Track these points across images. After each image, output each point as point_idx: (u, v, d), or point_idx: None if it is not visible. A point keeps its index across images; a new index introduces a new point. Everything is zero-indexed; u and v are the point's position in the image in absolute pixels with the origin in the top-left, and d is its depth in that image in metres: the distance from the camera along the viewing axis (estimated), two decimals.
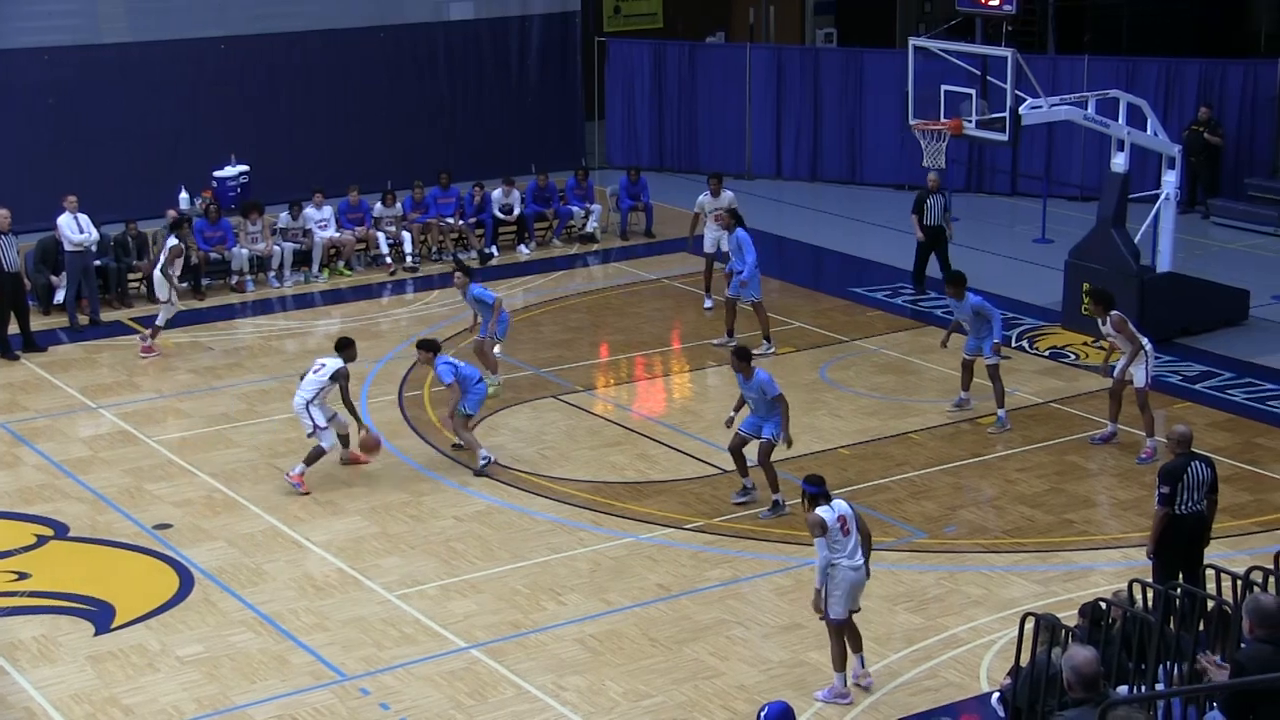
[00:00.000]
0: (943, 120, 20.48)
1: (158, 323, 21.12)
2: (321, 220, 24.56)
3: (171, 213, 23.18)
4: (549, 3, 30.32)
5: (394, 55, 29.02)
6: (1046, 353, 20.55)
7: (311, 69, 28.37)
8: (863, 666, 12.90)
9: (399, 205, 25.22)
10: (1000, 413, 17.95)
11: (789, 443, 15.87)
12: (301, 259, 24.39)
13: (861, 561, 12.54)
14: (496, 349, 19.56)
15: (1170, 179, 21.13)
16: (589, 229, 26.33)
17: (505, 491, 16.64)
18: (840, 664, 12.69)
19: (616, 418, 18.82)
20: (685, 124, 30.62)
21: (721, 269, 21.46)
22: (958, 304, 18.16)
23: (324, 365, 16.92)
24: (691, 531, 15.72)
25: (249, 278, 23.84)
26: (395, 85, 29.07)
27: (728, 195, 22.54)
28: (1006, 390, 18.34)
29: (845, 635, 12.69)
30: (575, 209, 26.37)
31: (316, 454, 16.77)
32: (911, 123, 20.97)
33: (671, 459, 17.48)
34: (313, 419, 16.66)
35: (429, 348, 17.45)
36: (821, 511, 12.41)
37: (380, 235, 24.91)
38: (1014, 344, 20.84)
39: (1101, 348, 18.08)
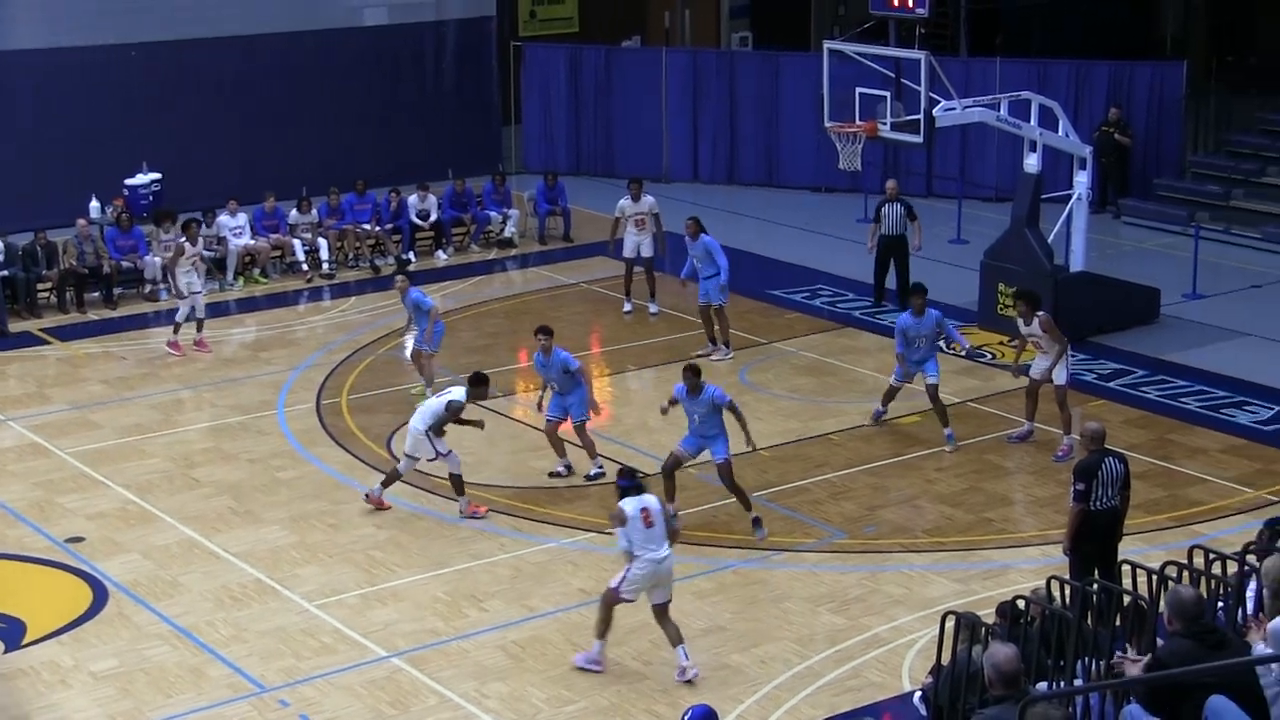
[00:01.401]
0: (858, 123, 20.53)
1: (177, 319, 21.04)
2: (236, 228, 24.34)
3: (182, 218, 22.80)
4: (464, 7, 30.20)
5: (308, 61, 28.80)
6: (963, 353, 20.64)
7: (225, 76, 28.09)
8: (686, 659, 12.95)
9: (315, 212, 25.04)
10: (948, 431, 17.74)
11: (754, 447, 15.73)
12: (216, 267, 24.13)
13: (666, 554, 12.88)
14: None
15: (1082, 179, 21.31)
16: (507, 234, 26.24)
17: (425, 498, 16.52)
18: (602, 632, 13.11)
19: (536, 422, 18.72)
20: (602, 128, 30.58)
21: (677, 278, 21.17)
22: (916, 320, 17.85)
23: (448, 392, 16.26)
24: (612, 535, 15.61)
25: (162, 286, 23.57)
26: (310, 91, 28.85)
27: (648, 200, 22.48)
28: (924, 390, 18.38)
29: (662, 625, 12.99)
30: (493, 214, 26.26)
31: (394, 476, 16.21)
32: (827, 125, 21.01)
33: (583, 471, 17.38)
34: (434, 446, 16.13)
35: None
36: (624, 504, 12.91)
37: (296, 242, 24.71)
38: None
39: (1015, 347, 18.16)
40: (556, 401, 17.03)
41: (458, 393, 16.23)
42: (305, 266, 24.62)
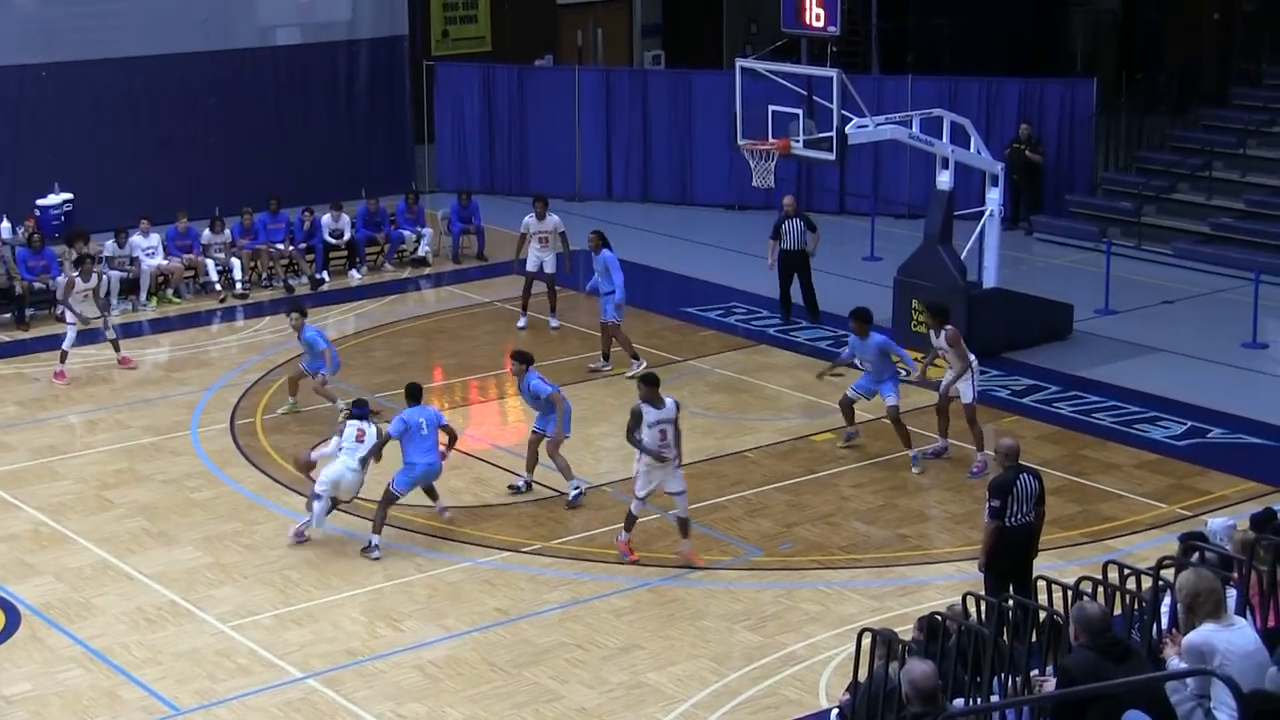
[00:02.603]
0: (771, 140, 20.62)
1: (64, 346, 20.71)
2: (149, 248, 24.11)
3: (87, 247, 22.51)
4: (376, 27, 30.10)
5: (220, 80, 28.59)
6: (913, 377, 20.70)
7: (136, 95, 27.84)
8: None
9: (228, 232, 24.85)
10: (912, 453, 17.72)
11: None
12: (128, 288, 23.89)
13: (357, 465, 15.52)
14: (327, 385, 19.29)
15: (994, 196, 21.50)
16: (421, 253, 26.15)
17: (339, 518, 16.40)
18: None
19: (463, 446, 18.64)
20: (515, 147, 30.55)
21: (585, 292, 21.31)
22: (860, 341, 17.90)
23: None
24: (529, 555, 15.64)
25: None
26: (222, 111, 28.64)
27: (553, 219, 22.50)
28: (854, 425, 18.49)
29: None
30: (406, 233, 26.17)
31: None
32: (740, 143, 21.08)
33: (507, 482, 17.36)
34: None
35: (522, 359, 16.94)
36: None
37: (209, 262, 24.52)
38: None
39: (934, 363, 18.30)
40: (542, 418, 16.95)
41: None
42: (219, 286, 24.43)
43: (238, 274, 24.57)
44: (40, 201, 24.90)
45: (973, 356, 17.65)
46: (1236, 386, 20.10)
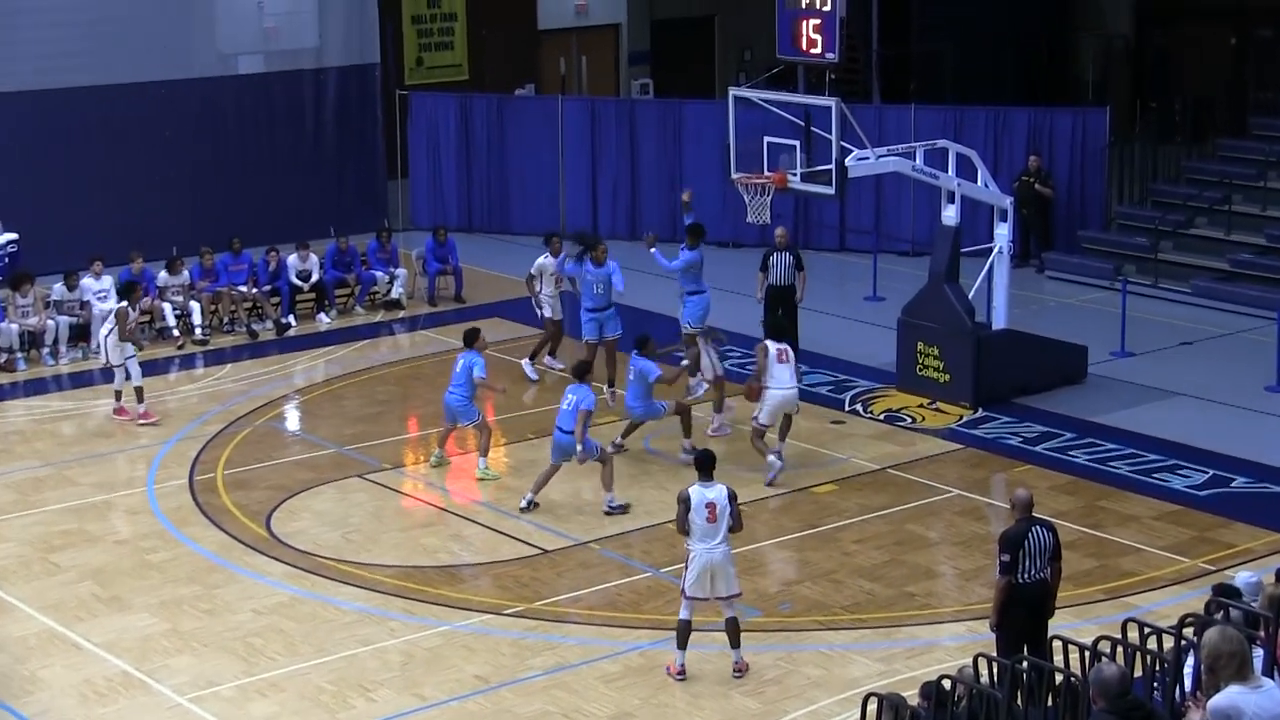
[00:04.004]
0: (766, 174, 20.65)
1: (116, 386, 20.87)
2: (101, 291, 24.03)
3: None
4: (346, 54, 30.16)
5: (178, 112, 28.60)
6: (881, 416, 20.76)
7: (88, 128, 27.84)
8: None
9: (186, 273, 24.80)
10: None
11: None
12: (79, 334, 23.83)
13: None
14: None
15: (1003, 232, 21.52)
16: (394, 295, 26.12)
17: (307, 580, 16.34)
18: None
19: (428, 497, 18.62)
20: (495, 181, 30.58)
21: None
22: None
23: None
24: (511, 617, 15.56)
25: (20, 355, 23.23)
26: (180, 144, 28.64)
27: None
28: (840, 457, 18.47)
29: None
30: (379, 274, 26.15)
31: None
32: (734, 177, 21.11)
33: (488, 540, 17.33)
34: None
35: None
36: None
37: (166, 306, 24.47)
38: (847, 408, 21.03)
39: (939, 410, 18.21)
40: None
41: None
42: (176, 332, 24.36)
43: (197, 319, 24.52)
44: None
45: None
46: (1260, 432, 20.08)
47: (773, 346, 18.76)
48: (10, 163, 27.18)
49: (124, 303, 21.17)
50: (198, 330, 24.51)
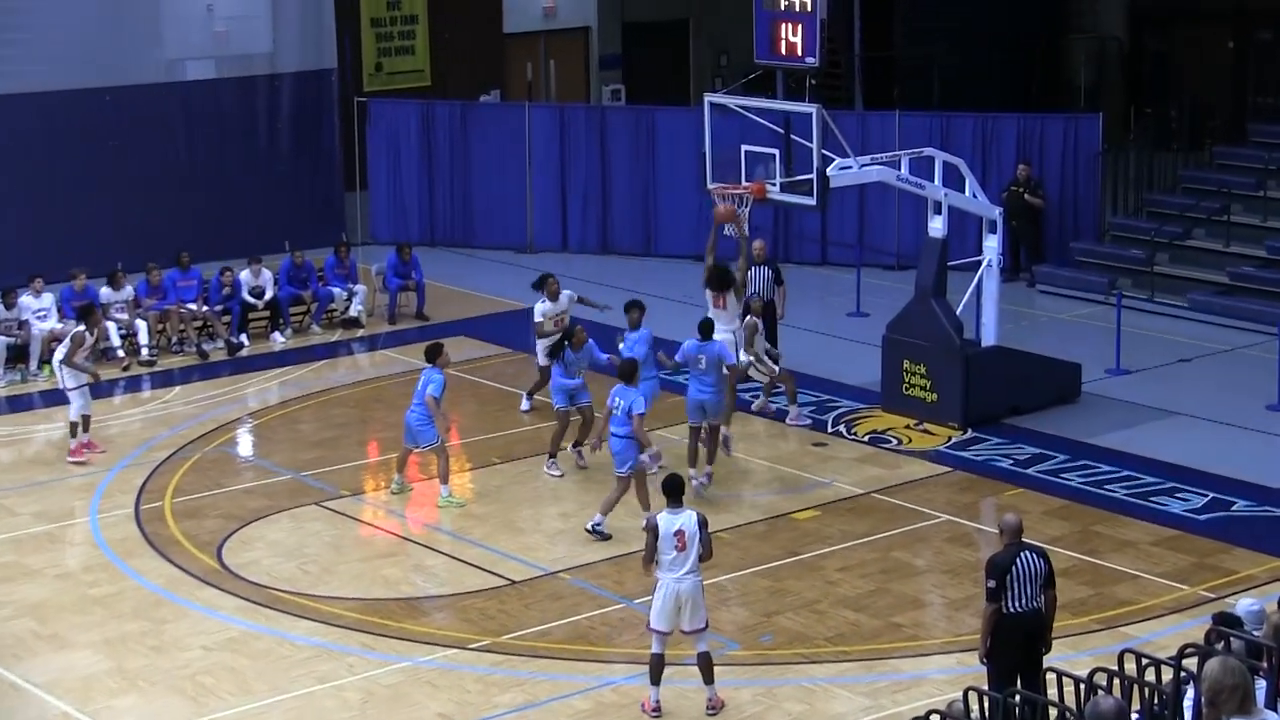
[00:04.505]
0: (744, 184, 20.67)
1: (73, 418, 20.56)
2: (40, 310, 23.95)
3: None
4: (301, 59, 30.13)
5: (123, 121, 28.54)
6: (866, 438, 20.76)
7: (26, 137, 27.75)
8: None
9: (129, 289, 24.71)
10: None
11: None
12: (17, 355, 23.74)
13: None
14: None
15: (992, 244, 21.57)
16: (353, 313, 26.08)
17: (261, 614, 16.27)
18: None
19: (389, 525, 18.58)
20: (459, 193, 30.56)
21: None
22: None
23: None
24: (477, 652, 15.53)
25: None
26: (125, 155, 28.58)
27: (566, 295, 21.71)
28: (823, 480, 18.45)
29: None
30: (336, 290, 26.10)
31: None
32: (710, 187, 21.12)
33: (453, 570, 17.30)
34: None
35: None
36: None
37: (111, 325, 24.38)
38: (830, 429, 21.05)
39: (926, 430, 18.20)
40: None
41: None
42: (121, 353, 24.28)
43: (143, 338, 24.44)
44: None
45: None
46: (1262, 453, 20.13)
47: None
48: None
49: (81, 326, 21.01)
50: (144, 350, 24.43)
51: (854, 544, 17.74)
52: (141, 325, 24.52)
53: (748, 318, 20.70)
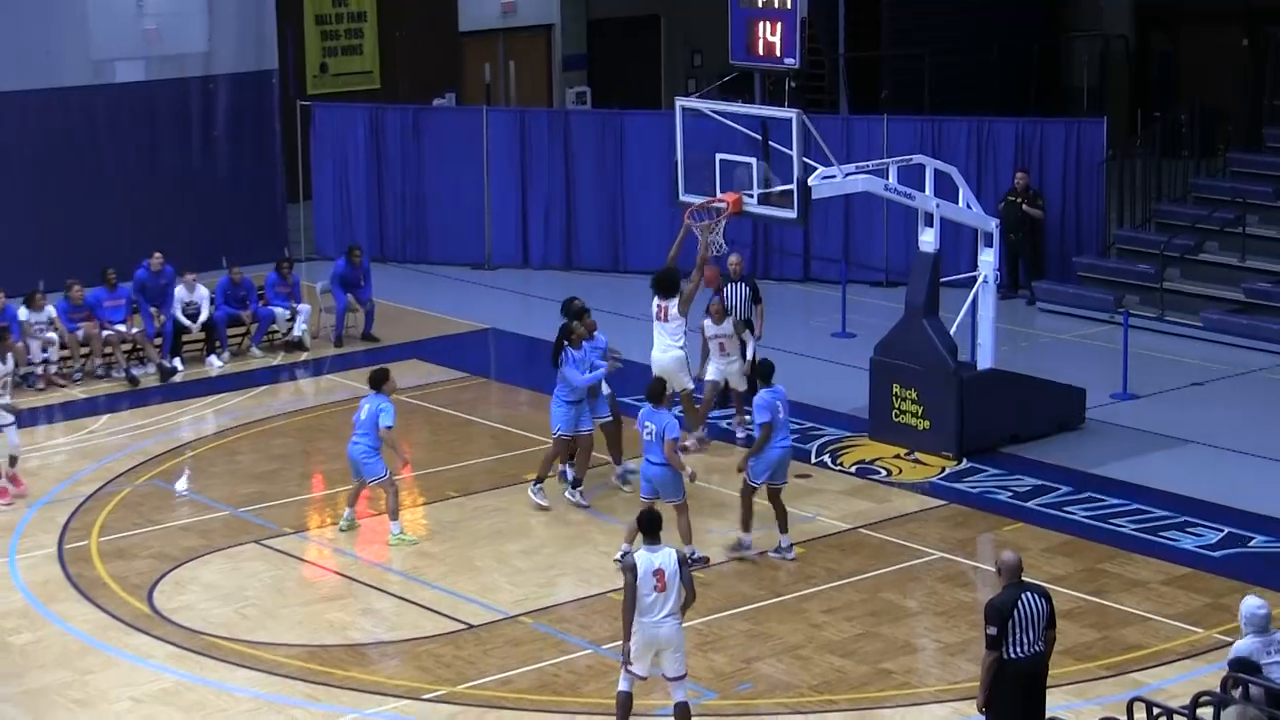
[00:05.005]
0: (719, 195, 20.67)
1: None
2: None
3: None
4: (239, 59, 30.12)
5: (44, 126, 28.50)
6: (852, 469, 20.77)
7: None
8: None
9: (50, 309, 24.61)
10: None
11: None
12: None
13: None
14: None
15: (988, 259, 21.59)
16: (296, 334, 26.03)
17: (195, 663, 16.20)
18: None
19: (335, 565, 18.54)
20: (411, 205, 30.55)
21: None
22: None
23: None
24: (431, 703, 15.48)
25: None
26: (47, 163, 28.52)
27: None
28: (806, 515, 18.46)
29: None
30: (278, 310, 26.05)
31: None
32: (682, 199, 21.14)
33: (405, 614, 17.25)
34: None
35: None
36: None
37: (33, 344, 24.29)
38: (814, 460, 21.05)
39: (918, 461, 18.17)
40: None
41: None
42: (41, 382, 24.20)
43: (53, 358, 24.33)
44: None
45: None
46: None
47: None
48: None
49: None
50: (67, 375, 24.34)
51: (840, 584, 17.73)
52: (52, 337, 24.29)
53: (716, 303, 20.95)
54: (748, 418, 20.25)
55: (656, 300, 20.46)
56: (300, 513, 19.93)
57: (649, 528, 14.30)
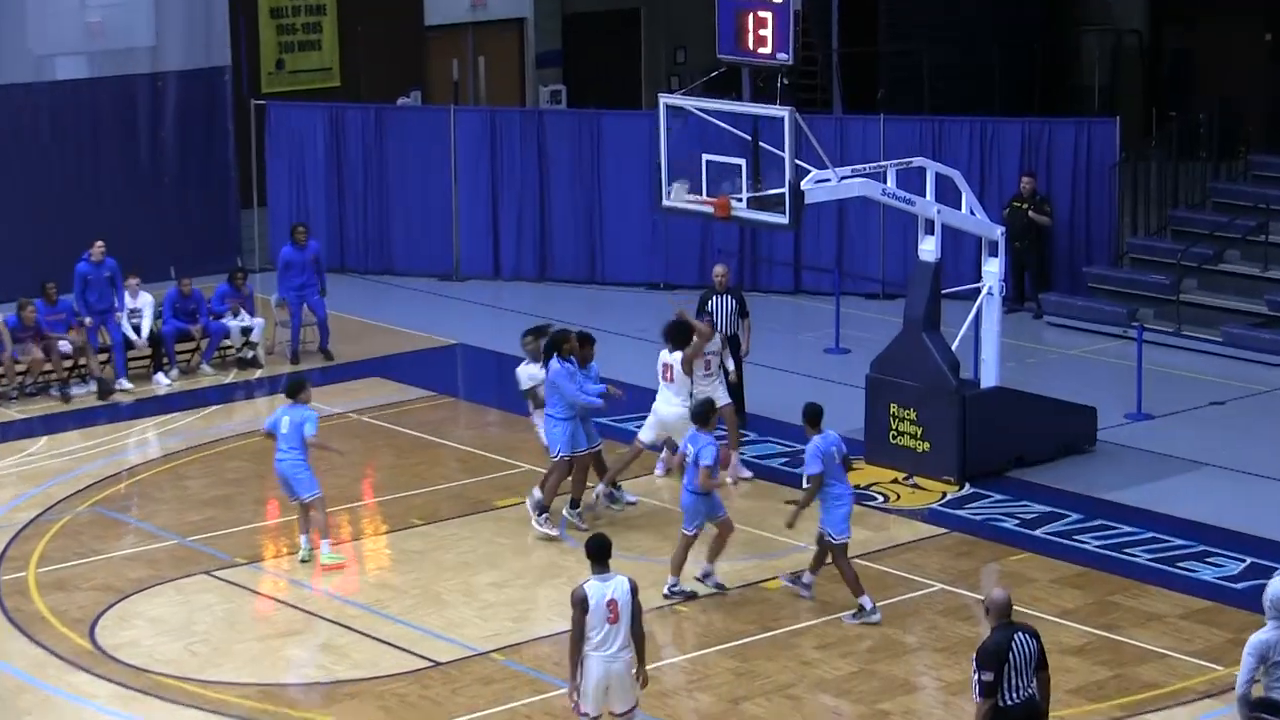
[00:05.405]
0: (705, 199, 20.64)
1: None
2: None
3: None
4: (189, 56, 30.07)
5: None
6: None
7: None
8: None
9: None
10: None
11: None
12: None
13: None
14: None
15: (992, 269, 21.60)
16: (250, 353, 25.96)
17: (141, 703, 16.13)
18: None
19: (292, 598, 18.49)
20: (373, 211, 30.51)
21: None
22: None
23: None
24: None
25: None
26: None
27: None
28: (798, 544, 18.47)
29: None
30: (230, 325, 25.98)
31: None
32: (665, 204, 21.10)
33: (366, 650, 17.20)
34: None
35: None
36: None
37: None
38: (805, 484, 20.94)
39: (916, 485, 18.15)
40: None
41: None
42: None
43: None
44: None
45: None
46: None
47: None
48: None
49: None
50: (3, 394, 24.30)
51: (834, 618, 17.69)
52: None
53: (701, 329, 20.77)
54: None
55: (664, 356, 20.18)
56: (254, 541, 19.85)
57: (597, 555, 14.11)
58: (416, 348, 26.71)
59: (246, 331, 25.98)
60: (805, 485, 17.90)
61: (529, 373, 20.64)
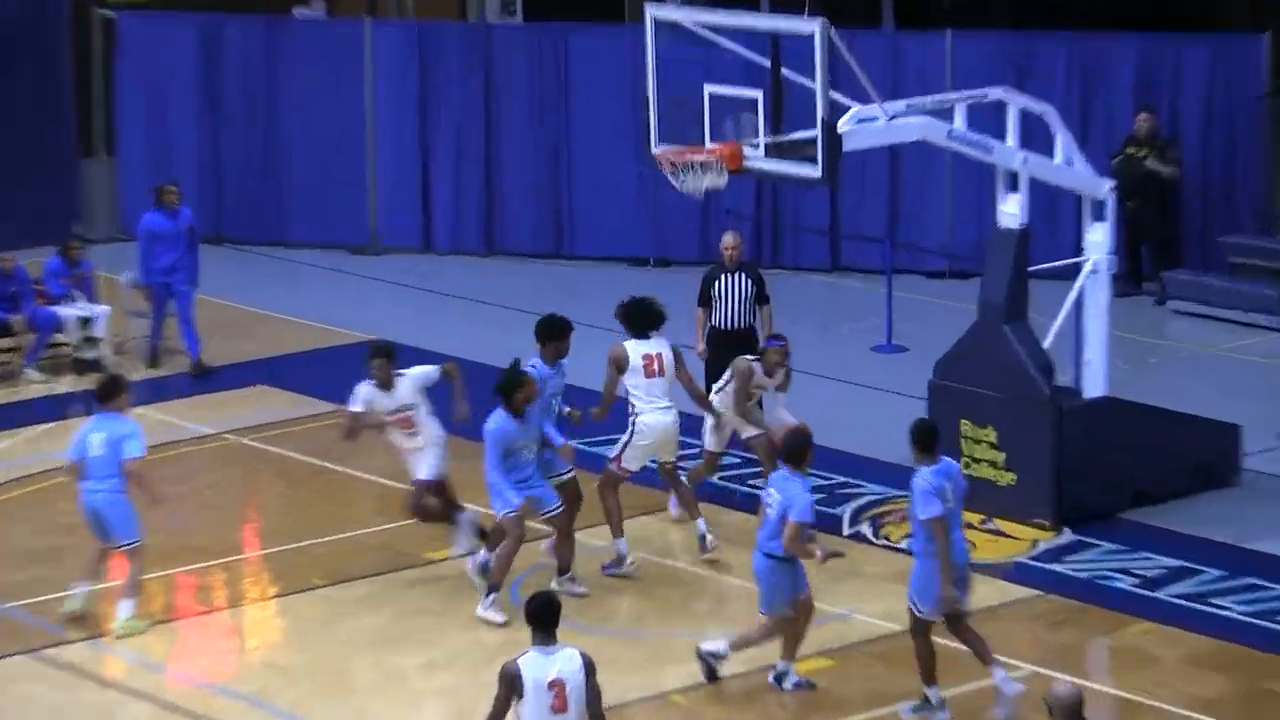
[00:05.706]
0: (709, 145, 20.50)
1: None
2: None
3: None
4: None
5: None
6: (903, 543, 20.54)
7: None
8: None
9: None
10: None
11: None
12: None
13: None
14: None
15: (1098, 238, 21.51)
16: (90, 353, 25.82)
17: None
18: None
19: (143, 685, 18.39)
20: (260, 163, 30.41)
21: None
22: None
23: None
24: None
25: None
26: None
27: (413, 376, 21.16)
28: (838, 612, 18.33)
29: None
30: (65, 313, 25.86)
31: None
32: (655, 151, 20.95)
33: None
34: None
35: None
36: None
37: None
38: (847, 530, 21.00)
39: (998, 531, 17.98)
40: None
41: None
42: None
43: None
44: None
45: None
46: None
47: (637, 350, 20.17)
48: None
49: None
50: None
51: (886, 711, 17.59)
52: None
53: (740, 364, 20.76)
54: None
55: (641, 345, 20.05)
56: (94, 610, 19.62)
57: (540, 619, 13.63)
58: (318, 345, 26.72)
59: (86, 323, 25.92)
60: (914, 531, 17.49)
61: (366, 394, 20.32)
